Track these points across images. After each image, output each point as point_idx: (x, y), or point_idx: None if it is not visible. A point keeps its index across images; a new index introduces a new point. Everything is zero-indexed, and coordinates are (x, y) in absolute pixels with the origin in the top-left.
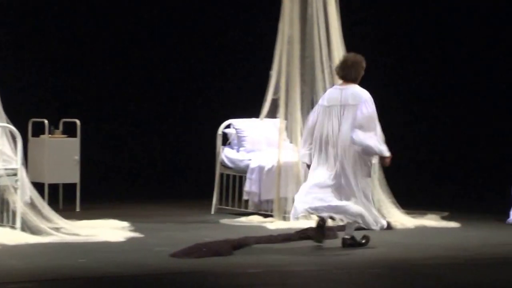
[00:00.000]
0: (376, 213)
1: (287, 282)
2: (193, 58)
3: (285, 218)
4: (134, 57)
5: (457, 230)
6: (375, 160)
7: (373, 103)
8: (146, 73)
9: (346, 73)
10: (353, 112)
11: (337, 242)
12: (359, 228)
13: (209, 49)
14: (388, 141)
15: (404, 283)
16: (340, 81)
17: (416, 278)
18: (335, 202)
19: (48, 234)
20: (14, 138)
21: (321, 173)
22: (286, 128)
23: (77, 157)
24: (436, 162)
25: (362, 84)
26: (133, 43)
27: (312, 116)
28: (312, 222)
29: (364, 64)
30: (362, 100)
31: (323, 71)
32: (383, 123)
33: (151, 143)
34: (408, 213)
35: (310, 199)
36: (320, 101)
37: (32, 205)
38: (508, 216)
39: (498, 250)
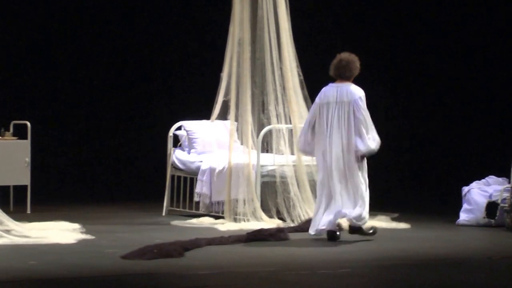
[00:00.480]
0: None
1: (238, 283)
2: (144, 60)
3: (236, 220)
4: (84, 60)
5: (407, 231)
6: None
7: (365, 100)
8: (97, 75)
9: (341, 72)
10: (348, 109)
11: (289, 243)
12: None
13: (160, 51)
14: None
15: (353, 284)
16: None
17: (365, 279)
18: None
19: None
20: None
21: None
22: (237, 130)
23: (28, 159)
24: (385, 163)
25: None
26: (84, 45)
27: (311, 113)
28: (262, 224)
29: (358, 64)
30: (356, 97)
31: (273, 73)
32: None
33: (102, 145)
34: None
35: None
36: (317, 100)
37: None
38: (458, 217)
39: (448, 251)
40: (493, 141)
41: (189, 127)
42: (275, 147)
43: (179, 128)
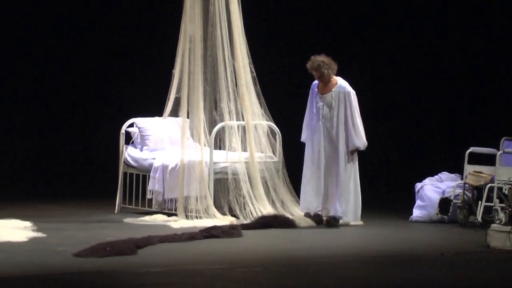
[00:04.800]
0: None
1: (191, 281)
2: (96, 55)
3: (188, 217)
4: (34, 55)
5: (361, 228)
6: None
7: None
8: (49, 70)
9: None
10: None
11: (242, 241)
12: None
13: (111, 46)
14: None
15: (306, 281)
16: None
17: (318, 276)
18: None
19: None
20: None
21: None
22: (190, 127)
23: None
24: None
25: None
26: (33, 41)
27: None
28: (215, 221)
29: None
30: None
31: (225, 70)
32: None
33: (54, 141)
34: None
35: None
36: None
37: None
38: (411, 214)
39: (400, 247)
40: (445, 138)
41: (141, 124)
42: (228, 144)
43: (131, 125)
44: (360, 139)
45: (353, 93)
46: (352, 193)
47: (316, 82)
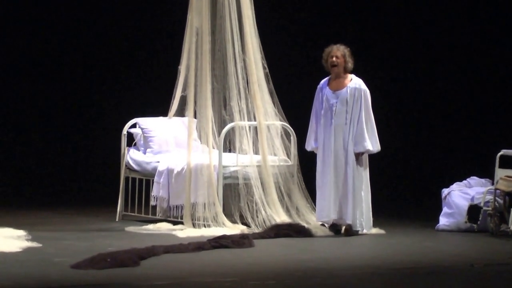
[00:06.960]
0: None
1: None
2: (95, 51)
3: (196, 225)
4: (34, 52)
5: (382, 237)
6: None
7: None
8: (46, 69)
9: None
10: None
11: (253, 251)
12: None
13: (113, 41)
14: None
15: None
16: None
17: None
18: None
19: None
20: None
21: None
22: (197, 128)
23: None
24: None
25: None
26: (31, 38)
27: None
28: (224, 230)
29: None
30: None
31: (236, 66)
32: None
33: (50, 144)
34: None
35: None
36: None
37: None
38: (438, 222)
39: (426, 258)
40: (475, 139)
41: (145, 125)
42: (238, 146)
43: (133, 125)
44: (375, 143)
45: (368, 92)
46: (364, 202)
47: (324, 81)
